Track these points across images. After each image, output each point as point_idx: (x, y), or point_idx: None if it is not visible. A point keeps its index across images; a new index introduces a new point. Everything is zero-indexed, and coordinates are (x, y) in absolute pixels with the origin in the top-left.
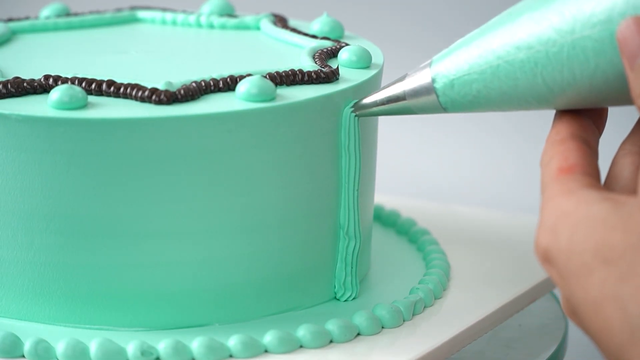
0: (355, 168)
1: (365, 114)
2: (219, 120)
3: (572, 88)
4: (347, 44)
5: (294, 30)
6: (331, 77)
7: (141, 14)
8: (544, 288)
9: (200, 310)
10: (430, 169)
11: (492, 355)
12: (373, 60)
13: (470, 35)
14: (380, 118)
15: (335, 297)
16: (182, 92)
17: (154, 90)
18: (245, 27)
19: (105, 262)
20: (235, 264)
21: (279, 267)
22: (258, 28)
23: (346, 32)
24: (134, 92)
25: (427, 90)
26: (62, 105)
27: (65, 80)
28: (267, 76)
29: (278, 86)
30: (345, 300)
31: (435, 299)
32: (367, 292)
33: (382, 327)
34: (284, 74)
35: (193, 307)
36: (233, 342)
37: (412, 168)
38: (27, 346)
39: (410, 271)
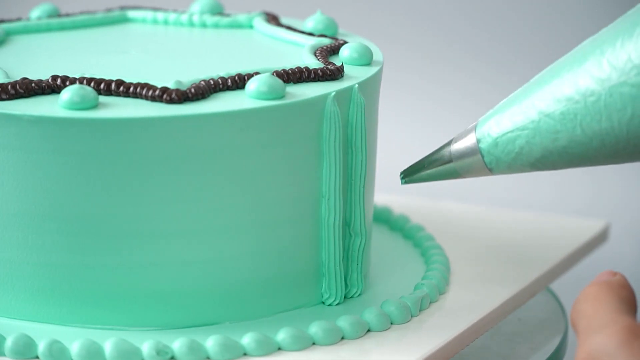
0: (361, 164)
1: (414, 180)
2: (230, 119)
3: (610, 137)
4: (345, 42)
5: (290, 28)
6: (337, 74)
7: (131, 13)
8: (543, 283)
9: (212, 308)
10: None
11: (498, 350)
12: (374, 58)
13: (513, 94)
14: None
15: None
16: (192, 90)
17: (164, 90)
18: (238, 26)
19: (117, 263)
20: (245, 262)
21: (288, 264)
22: (251, 26)
23: (340, 30)
24: (144, 92)
25: (473, 151)
26: (73, 106)
27: (73, 81)
28: (275, 74)
29: (285, 84)
30: (352, 297)
31: (439, 294)
32: (371, 288)
33: (391, 324)
34: (290, 71)
35: (204, 305)
36: (247, 340)
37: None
38: (41, 347)
39: (411, 267)
